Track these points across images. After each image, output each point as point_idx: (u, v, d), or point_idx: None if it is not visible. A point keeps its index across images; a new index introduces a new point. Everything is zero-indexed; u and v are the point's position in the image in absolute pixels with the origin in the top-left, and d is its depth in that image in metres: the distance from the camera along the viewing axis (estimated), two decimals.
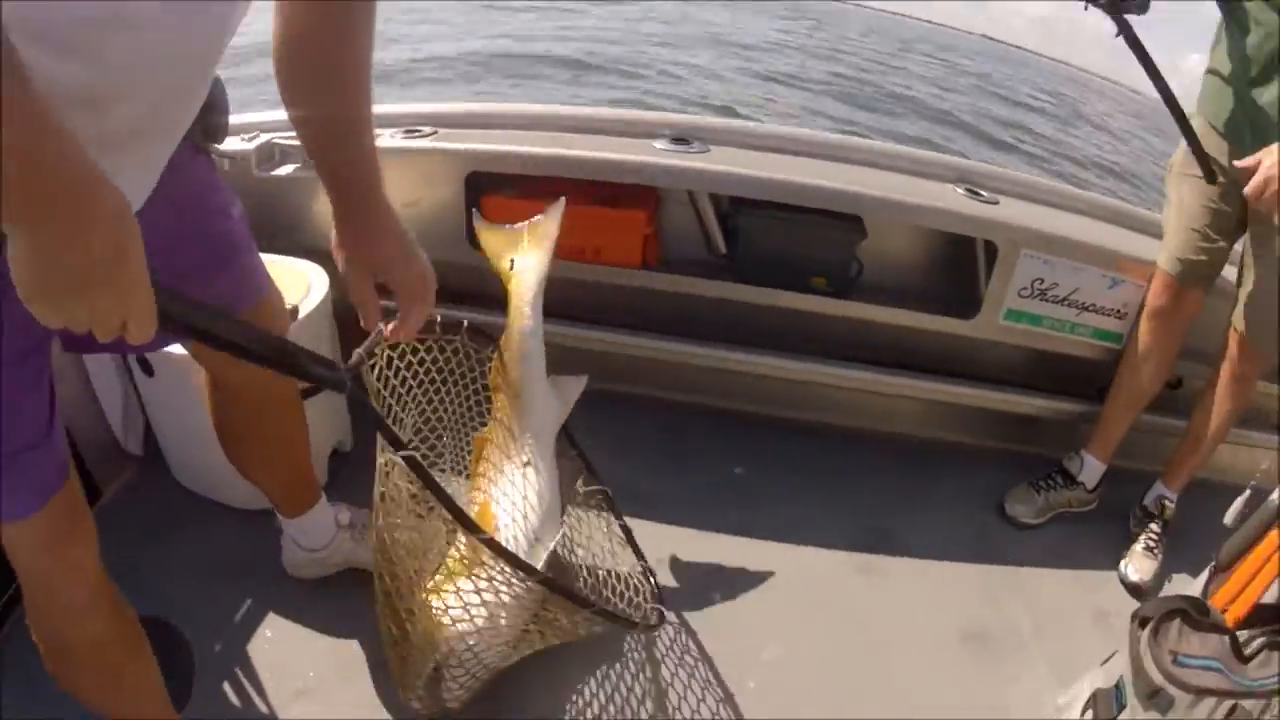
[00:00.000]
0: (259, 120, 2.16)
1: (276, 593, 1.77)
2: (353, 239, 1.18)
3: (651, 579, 1.79)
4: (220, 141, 1.26)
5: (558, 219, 1.71)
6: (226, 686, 1.66)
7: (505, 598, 1.41)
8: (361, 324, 1.25)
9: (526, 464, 1.62)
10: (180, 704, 1.66)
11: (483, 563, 1.38)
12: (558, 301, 1.71)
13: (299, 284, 1.88)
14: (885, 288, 2.32)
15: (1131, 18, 1.81)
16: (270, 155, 2.14)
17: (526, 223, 1.74)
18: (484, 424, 1.74)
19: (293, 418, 1.60)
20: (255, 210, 1.39)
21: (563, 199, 1.71)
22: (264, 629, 1.73)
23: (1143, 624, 1.48)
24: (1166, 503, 2.17)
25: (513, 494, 1.61)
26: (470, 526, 1.24)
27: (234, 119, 1.37)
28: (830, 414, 2.42)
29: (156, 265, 0.77)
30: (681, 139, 2.18)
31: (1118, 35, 1.82)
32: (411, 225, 1.19)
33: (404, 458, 1.17)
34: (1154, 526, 2.15)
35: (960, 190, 2.25)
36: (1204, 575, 1.61)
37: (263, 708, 1.63)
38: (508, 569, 1.32)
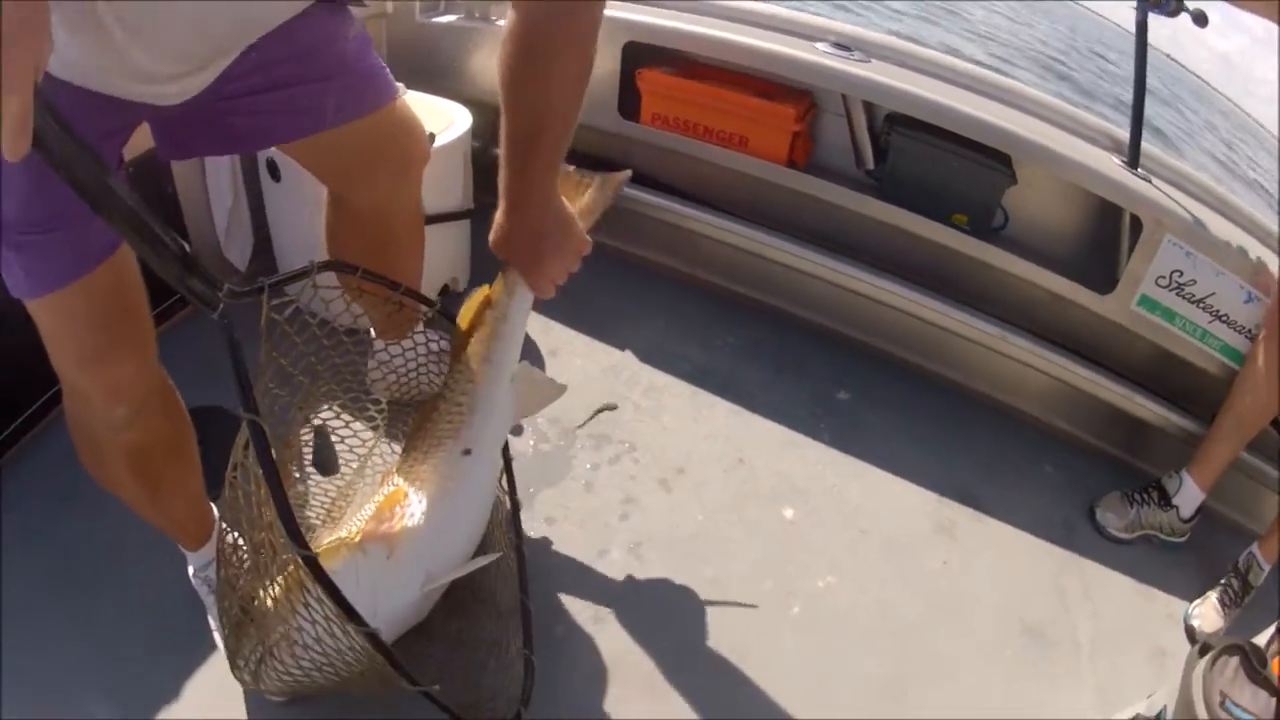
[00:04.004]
0: None
1: (350, 405, 1.82)
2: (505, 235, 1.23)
3: (530, 675, 1.45)
4: None
5: (616, 190, 1.50)
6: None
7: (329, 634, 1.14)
8: None
9: (467, 452, 1.40)
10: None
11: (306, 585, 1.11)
12: (692, 179, 1.68)
13: (442, 119, 1.91)
14: (1024, 243, 2.21)
15: None
16: (435, 3, 2.16)
17: (598, 177, 1.49)
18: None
19: (412, 244, 1.59)
20: (413, 53, 1.40)
21: (628, 172, 1.51)
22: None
23: (1202, 652, 1.40)
24: (1256, 566, 2.02)
25: (437, 482, 1.38)
26: (297, 538, 0.98)
27: None
28: (946, 364, 2.32)
29: (251, 76, 0.71)
30: (843, 46, 2.10)
31: None
32: None
33: (248, 421, 0.97)
34: (1235, 584, 2.00)
35: (1116, 159, 2.11)
36: (1270, 632, 1.51)
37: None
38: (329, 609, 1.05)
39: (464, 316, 1.41)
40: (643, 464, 1.86)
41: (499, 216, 1.22)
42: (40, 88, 0.70)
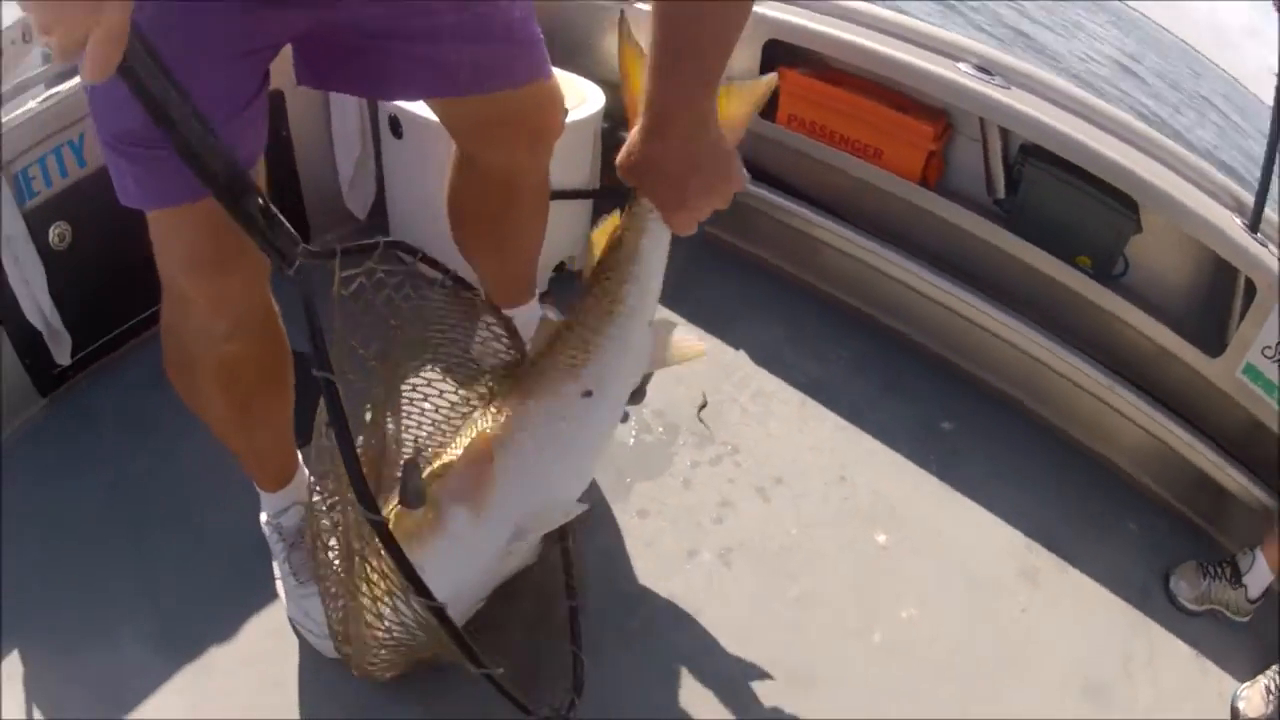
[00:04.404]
0: None
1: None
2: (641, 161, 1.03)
3: (580, 667, 1.42)
4: None
5: (763, 99, 1.21)
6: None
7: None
8: None
9: (587, 394, 1.25)
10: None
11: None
12: (820, 186, 1.63)
13: (575, 96, 1.88)
14: (1140, 293, 2.15)
15: None
16: None
17: (743, 83, 1.19)
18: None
19: (535, 213, 1.54)
20: (551, 27, 1.35)
21: (774, 76, 1.24)
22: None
23: None
24: None
25: (546, 424, 1.25)
26: (369, 504, 0.95)
27: None
28: (1049, 406, 2.26)
29: (413, 19, 0.68)
30: (984, 69, 2.05)
31: None
32: None
33: (323, 379, 0.95)
34: None
35: (1238, 220, 2.06)
36: None
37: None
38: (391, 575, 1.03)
39: (593, 247, 1.23)
40: (743, 468, 1.84)
41: (634, 136, 1.01)
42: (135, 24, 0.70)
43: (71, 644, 1.42)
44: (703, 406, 1.94)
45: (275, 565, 1.53)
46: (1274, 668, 1.97)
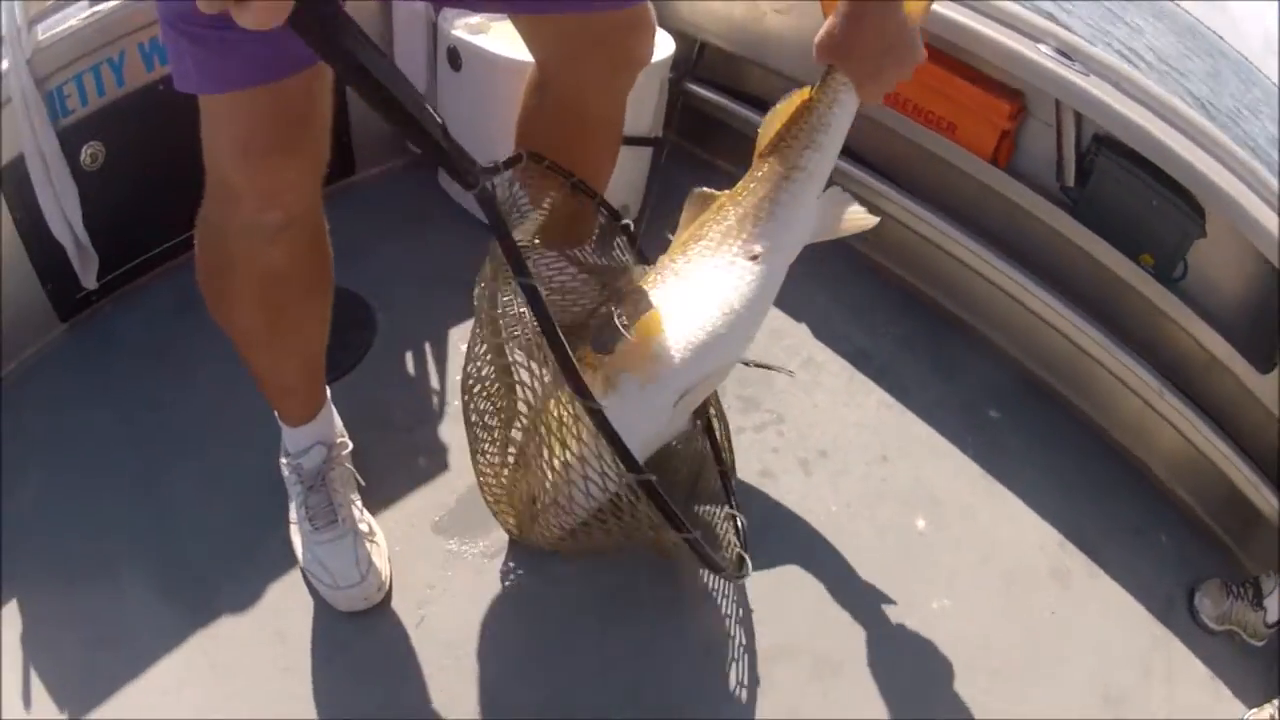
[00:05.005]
0: None
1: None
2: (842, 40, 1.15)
3: (742, 528, 1.53)
4: None
5: None
6: (398, 373, 1.68)
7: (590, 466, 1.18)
8: None
9: (755, 257, 1.29)
10: (346, 369, 1.68)
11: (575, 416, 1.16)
12: (888, 155, 1.57)
13: None
14: (1197, 299, 2.09)
15: None
16: None
17: None
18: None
19: (607, 147, 1.50)
20: None
21: None
22: (460, 340, 1.74)
23: None
24: None
25: (711, 286, 1.28)
26: (581, 390, 1.04)
27: None
28: (1096, 406, 2.21)
29: None
30: (1064, 53, 1.98)
31: None
32: (784, 29, 1.12)
33: (523, 285, 1.03)
34: None
35: None
36: None
37: (424, 404, 1.63)
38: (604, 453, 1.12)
39: (773, 120, 1.31)
40: (787, 438, 1.79)
41: (834, 20, 1.15)
42: None
43: (71, 581, 1.36)
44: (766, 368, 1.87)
45: (291, 509, 1.46)
46: None
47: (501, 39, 1.73)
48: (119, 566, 1.39)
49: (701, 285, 1.27)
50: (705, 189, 1.36)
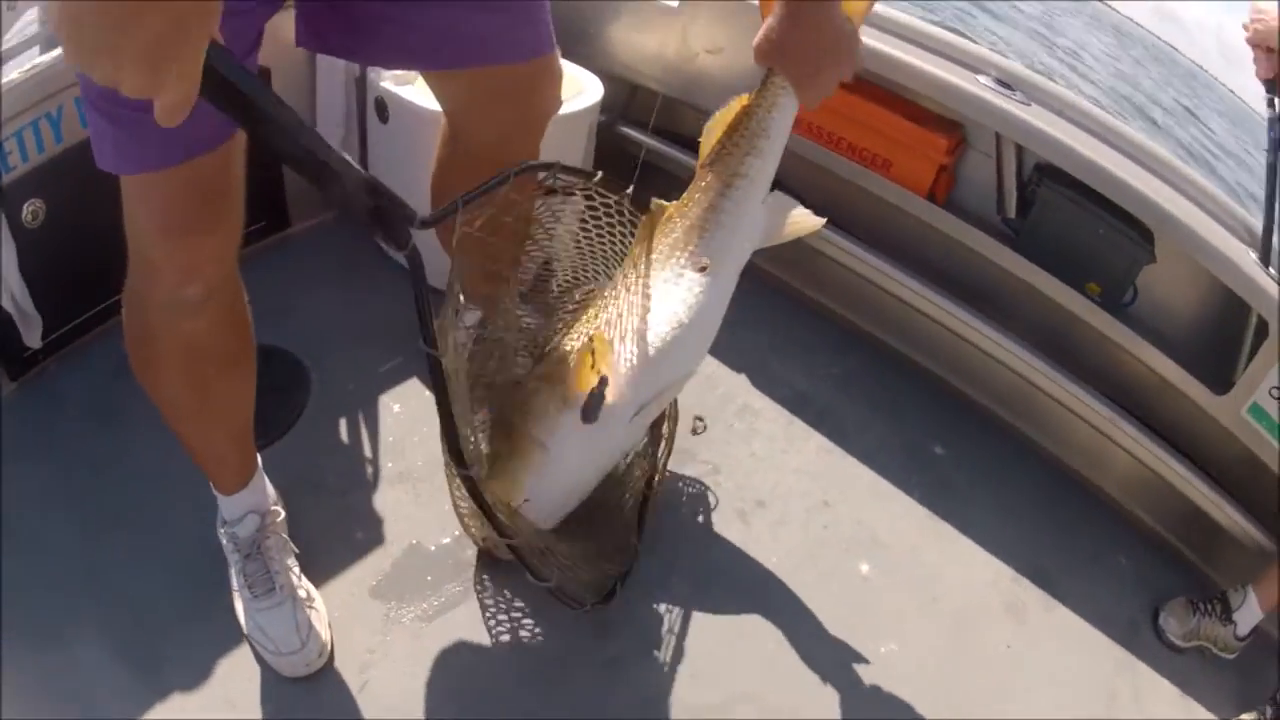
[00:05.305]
0: None
1: (419, 368, 1.74)
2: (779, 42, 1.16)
3: (633, 559, 1.56)
4: None
5: None
6: (332, 435, 1.67)
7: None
8: None
9: (703, 269, 1.30)
10: (280, 431, 1.67)
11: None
12: (823, 194, 1.56)
13: (572, 86, 1.79)
14: (1148, 324, 2.08)
15: None
16: None
17: None
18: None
19: (525, 194, 1.46)
20: (553, 13, 1.29)
21: None
22: (394, 400, 1.72)
23: None
24: None
25: (662, 300, 1.29)
26: (458, 459, 1.11)
27: None
28: (1045, 434, 2.21)
29: None
30: (1005, 83, 1.96)
31: None
32: (716, 71, 1.10)
33: (429, 356, 1.06)
34: (1269, 713, 1.91)
35: (1253, 255, 1.98)
36: None
37: (359, 467, 1.62)
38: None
39: (713, 128, 1.30)
40: (724, 490, 1.77)
41: (771, 22, 1.15)
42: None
43: (24, 643, 1.35)
44: (697, 429, 1.87)
45: (231, 576, 1.46)
46: (1255, 711, 1.93)
47: (428, 89, 1.71)
48: (72, 628, 1.38)
49: (651, 301, 1.28)
50: (660, 201, 1.35)
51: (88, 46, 0.61)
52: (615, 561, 1.53)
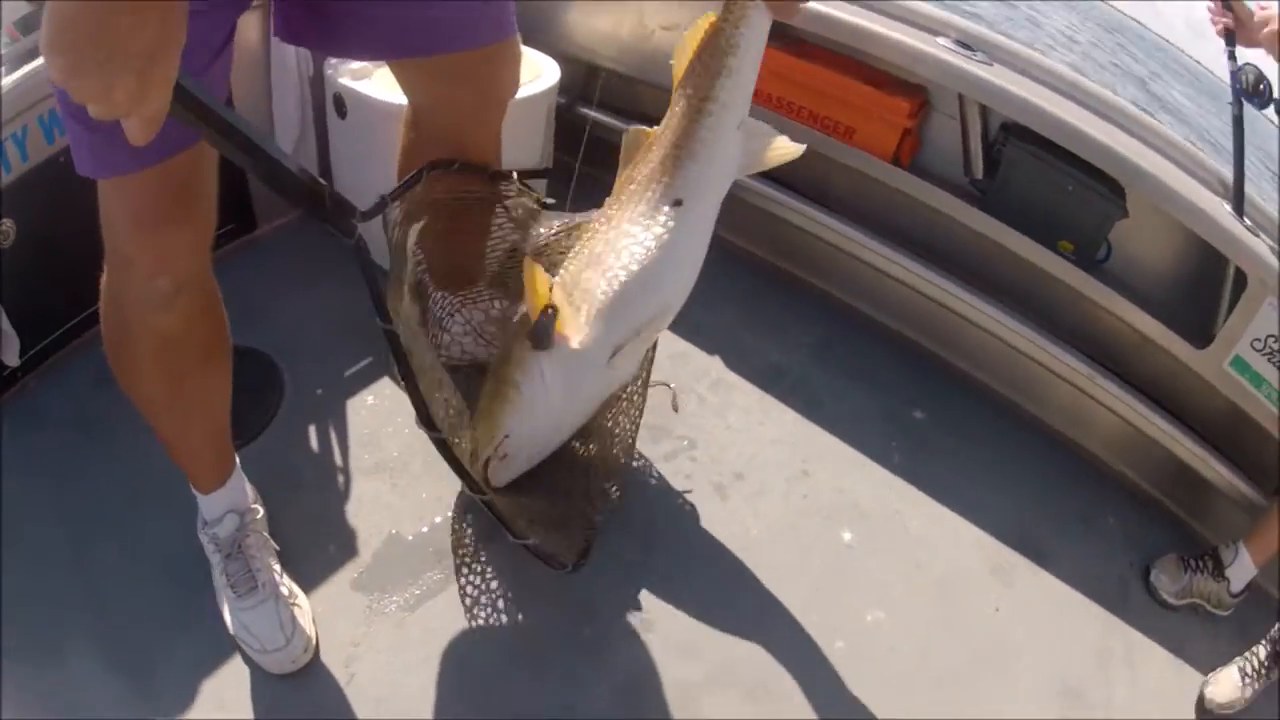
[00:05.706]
0: None
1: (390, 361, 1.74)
2: None
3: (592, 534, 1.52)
4: None
5: None
6: (306, 431, 1.68)
7: None
8: None
9: (678, 203, 1.25)
10: (255, 431, 1.68)
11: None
12: (787, 165, 1.54)
13: (530, 69, 1.78)
14: (1124, 280, 2.07)
15: None
16: None
17: None
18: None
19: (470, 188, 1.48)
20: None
21: None
22: (367, 394, 1.73)
23: None
24: None
25: (638, 237, 1.24)
26: (429, 423, 1.12)
27: None
28: (1026, 395, 2.20)
29: None
30: (965, 45, 1.95)
31: None
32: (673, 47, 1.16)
33: (386, 331, 1.07)
34: (1262, 654, 1.88)
35: (1227, 207, 1.97)
36: None
37: (335, 461, 1.63)
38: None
39: (682, 52, 1.23)
40: (700, 464, 1.76)
41: None
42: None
43: (16, 659, 1.35)
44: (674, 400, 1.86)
45: (214, 576, 1.46)
46: (1248, 652, 1.91)
47: (384, 83, 1.71)
48: (62, 641, 1.38)
49: (625, 238, 1.23)
50: (640, 127, 1.30)
51: (85, 62, 0.66)
52: (592, 512, 1.52)
